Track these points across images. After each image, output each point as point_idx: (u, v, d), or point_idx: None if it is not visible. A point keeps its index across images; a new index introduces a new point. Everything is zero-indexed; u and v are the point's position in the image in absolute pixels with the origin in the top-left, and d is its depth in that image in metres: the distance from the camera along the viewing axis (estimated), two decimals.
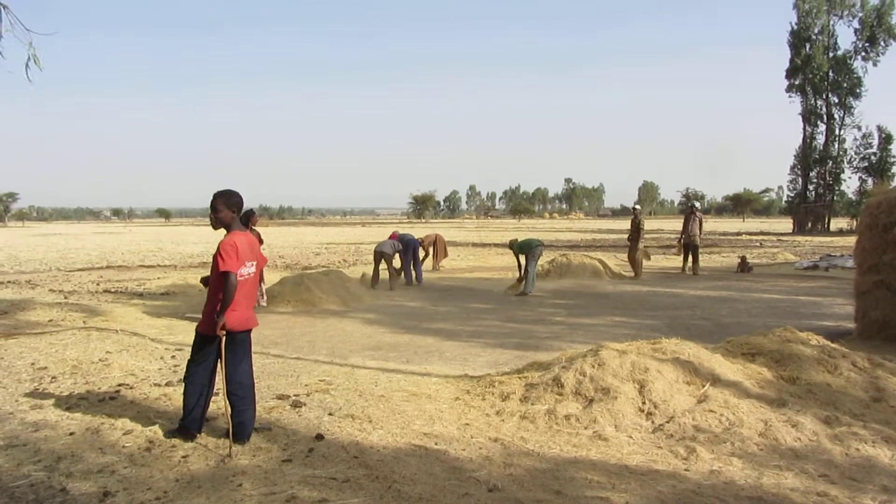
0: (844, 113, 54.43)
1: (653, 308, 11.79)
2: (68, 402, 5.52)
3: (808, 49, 54.15)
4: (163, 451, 4.46)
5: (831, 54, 53.96)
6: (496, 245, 32.75)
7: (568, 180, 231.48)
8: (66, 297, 12.47)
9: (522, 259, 14.18)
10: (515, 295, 13.81)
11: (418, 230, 34.36)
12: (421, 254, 18.12)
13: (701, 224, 18.06)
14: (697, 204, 19.11)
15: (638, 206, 17.59)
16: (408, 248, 15.68)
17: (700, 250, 18.13)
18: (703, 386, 5.29)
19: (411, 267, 15.72)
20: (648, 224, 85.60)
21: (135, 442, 4.60)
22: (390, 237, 16.04)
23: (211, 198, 4.61)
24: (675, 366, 5.50)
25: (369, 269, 16.55)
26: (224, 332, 4.45)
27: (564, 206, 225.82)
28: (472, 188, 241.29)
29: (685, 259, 18.24)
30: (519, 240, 14.75)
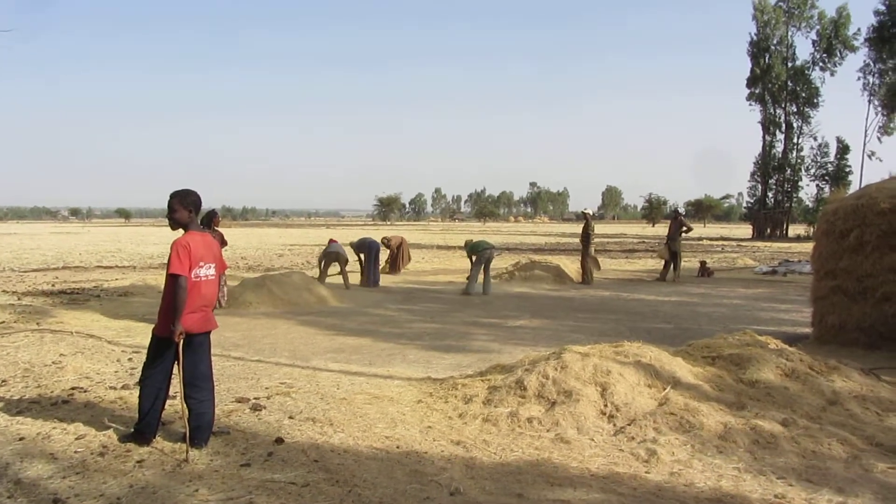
0: (802, 122, 55.83)
1: (615, 312, 11.91)
2: (19, 407, 5.35)
3: (767, 59, 55.41)
4: (117, 456, 4.34)
5: (790, 64, 55.29)
6: (461, 248, 32.82)
7: (533, 184, 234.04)
8: (19, 299, 12.12)
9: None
10: (460, 294, 14.25)
11: (383, 233, 34.18)
12: (385, 254, 18.11)
13: (683, 229, 17.57)
14: (682, 209, 19.18)
15: (588, 210, 17.43)
16: (370, 251, 15.68)
17: (680, 257, 18.03)
18: (665, 389, 5.34)
19: (371, 270, 15.71)
20: (611, 228, 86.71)
21: (88, 447, 4.47)
22: (329, 241, 16.04)
23: (168, 199, 4.53)
24: (636, 369, 5.54)
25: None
26: (181, 336, 4.36)
27: (529, 210, 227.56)
28: (437, 191, 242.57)
29: (667, 266, 17.84)
30: (473, 240, 15.31)
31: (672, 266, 17.69)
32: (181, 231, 4.59)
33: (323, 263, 15.39)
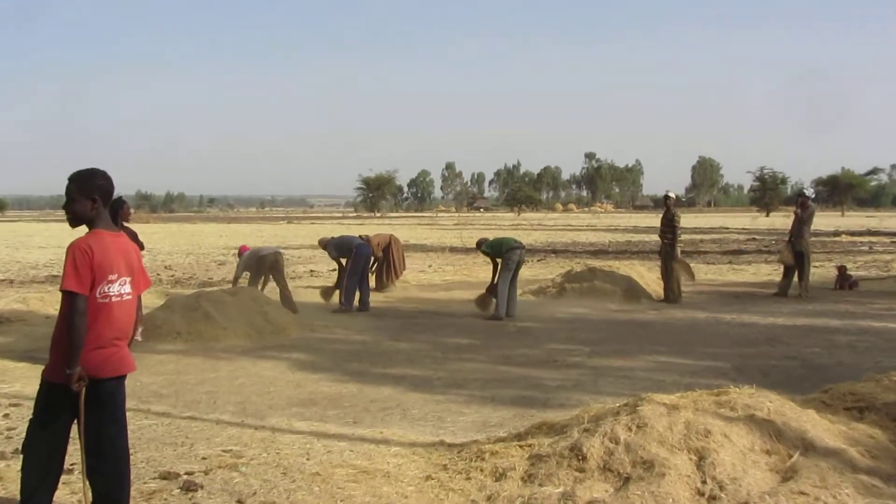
0: None
1: (715, 343, 11.86)
2: None
3: None
4: None
5: None
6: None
7: (590, 156, 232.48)
8: None
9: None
10: (486, 318, 14.34)
11: (369, 230, 34.21)
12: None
13: (806, 219, 17.41)
14: (810, 191, 18.93)
15: (672, 194, 17.47)
16: (358, 257, 15.50)
17: (809, 260, 17.67)
18: (790, 456, 5.29)
19: (356, 286, 15.45)
20: (706, 219, 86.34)
21: None
22: (240, 249, 15.86)
23: (66, 183, 4.54)
24: (748, 427, 5.49)
25: (317, 283, 16.52)
26: (83, 384, 4.35)
27: (585, 194, 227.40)
28: (449, 168, 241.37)
29: (788, 274, 17.65)
30: (490, 239, 15.50)
31: (797, 274, 17.57)
32: (84, 230, 4.59)
33: (245, 278, 15.11)
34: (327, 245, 16.17)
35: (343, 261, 15.68)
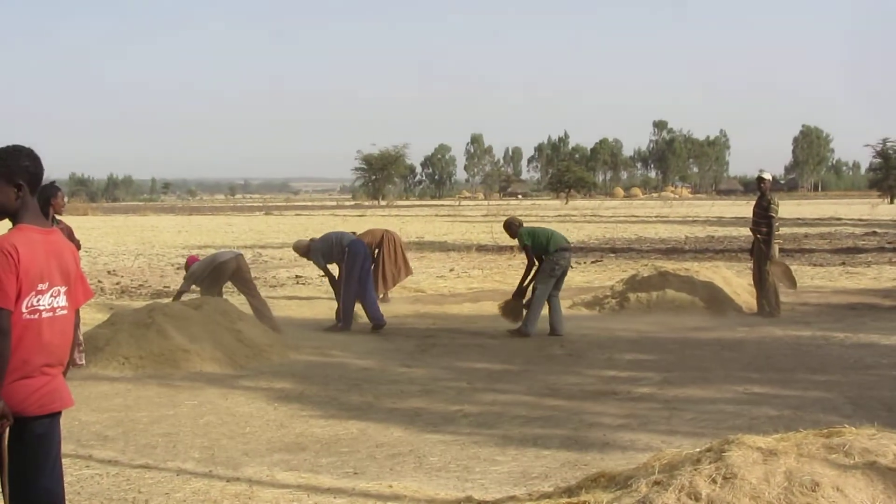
0: None
1: (824, 369, 11.83)
2: None
3: None
4: None
5: None
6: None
7: (660, 126, 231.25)
8: None
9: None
10: (509, 332, 14.46)
11: (366, 223, 34.06)
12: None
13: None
14: None
15: (767, 175, 17.30)
16: (353, 258, 15.40)
17: None
18: None
19: (356, 296, 15.47)
20: (811, 207, 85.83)
21: None
22: (187, 261, 15.63)
23: None
24: (868, 478, 5.48)
25: (305, 292, 16.52)
26: (5, 423, 4.38)
27: (654, 175, 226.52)
28: (475, 141, 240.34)
29: None
30: (528, 227, 15.08)
31: None
32: (7, 225, 4.61)
33: (206, 290, 14.86)
34: (310, 251, 15.86)
35: (335, 267, 15.61)
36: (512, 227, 15.04)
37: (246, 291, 15.07)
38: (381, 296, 18.39)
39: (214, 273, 14.85)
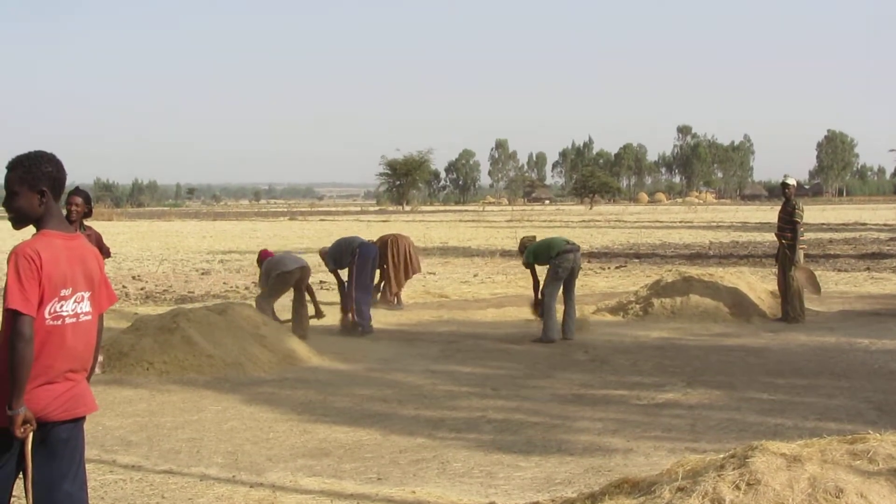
0: None
1: (849, 375, 11.78)
2: None
3: None
4: None
5: None
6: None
7: (684, 131, 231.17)
8: None
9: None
10: (533, 341, 14.52)
11: (391, 228, 34.01)
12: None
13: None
14: None
15: (791, 181, 17.24)
16: (364, 261, 15.57)
17: None
18: None
19: (369, 297, 15.74)
20: (837, 212, 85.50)
21: None
22: (260, 255, 15.68)
23: (4, 173, 4.56)
24: (894, 484, 5.44)
25: (330, 298, 16.56)
26: (29, 428, 4.38)
27: (678, 180, 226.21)
28: (500, 147, 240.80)
29: None
30: (532, 246, 15.29)
31: None
32: (31, 231, 4.61)
33: (267, 295, 14.96)
34: (325, 255, 16.24)
35: (348, 269, 15.65)
36: (521, 250, 15.69)
37: (296, 297, 15.01)
38: (394, 301, 18.50)
39: (279, 280, 14.73)
